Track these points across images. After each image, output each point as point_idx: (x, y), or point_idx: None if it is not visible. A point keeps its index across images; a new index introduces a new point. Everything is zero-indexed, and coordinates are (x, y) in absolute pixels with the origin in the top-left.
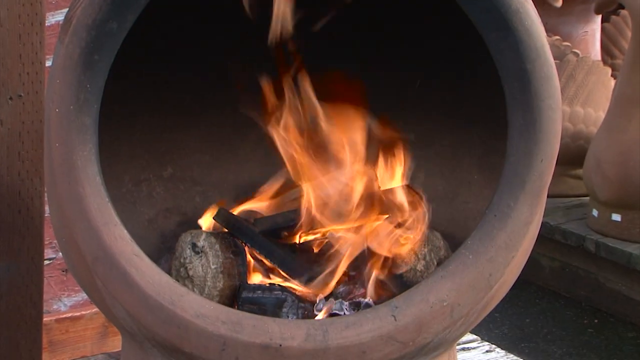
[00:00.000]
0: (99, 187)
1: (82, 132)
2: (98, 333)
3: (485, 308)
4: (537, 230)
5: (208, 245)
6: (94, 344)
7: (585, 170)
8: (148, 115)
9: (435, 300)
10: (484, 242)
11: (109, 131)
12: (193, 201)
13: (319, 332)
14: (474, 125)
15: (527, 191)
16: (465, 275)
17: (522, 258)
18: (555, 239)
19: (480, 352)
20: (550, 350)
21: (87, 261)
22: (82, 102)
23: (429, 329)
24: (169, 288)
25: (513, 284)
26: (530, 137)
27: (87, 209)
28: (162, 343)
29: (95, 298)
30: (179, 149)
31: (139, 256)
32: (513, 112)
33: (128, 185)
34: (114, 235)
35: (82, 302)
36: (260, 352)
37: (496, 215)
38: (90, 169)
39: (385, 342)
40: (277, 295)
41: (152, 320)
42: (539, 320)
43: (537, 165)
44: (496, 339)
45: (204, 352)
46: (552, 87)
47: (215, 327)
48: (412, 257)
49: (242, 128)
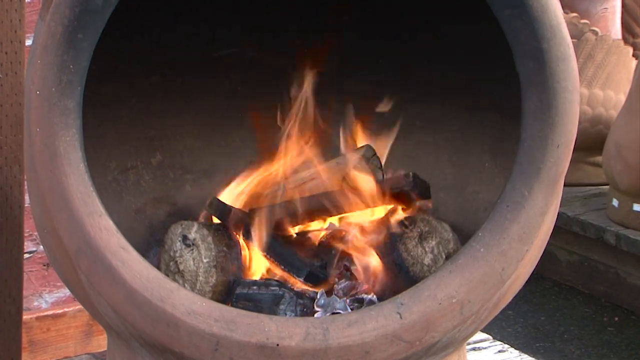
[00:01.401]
0: (83, 175)
1: (64, 116)
2: (82, 332)
3: (497, 305)
4: (552, 221)
5: (200, 238)
6: (77, 344)
7: (605, 156)
8: (136, 98)
9: (443, 297)
10: (496, 235)
11: (94, 115)
12: (184, 190)
13: (319, 330)
14: (485, 109)
15: (542, 179)
16: (476, 270)
17: (536, 251)
18: (573, 230)
19: (492, 353)
20: (567, 350)
21: (70, 254)
22: (64, 83)
23: (437, 327)
24: (158, 283)
25: (527, 279)
26: (545, 122)
27: (70, 199)
28: (151, 342)
29: (78, 294)
30: (169, 134)
31: (126, 249)
32: (527, 94)
33: (114, 172)
34: (99, 226)
35: (65, 298)
36: (256, 352)
37: (509, 206)
38: (73, 155)
39: (390, 342)
40: (274, 291)
41: (139, 318)
42: (555, 318)
43: (553, 151)
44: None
45: (195, 352)
46: (569, 68)
47: (207, 326)
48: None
49: (237, 112)
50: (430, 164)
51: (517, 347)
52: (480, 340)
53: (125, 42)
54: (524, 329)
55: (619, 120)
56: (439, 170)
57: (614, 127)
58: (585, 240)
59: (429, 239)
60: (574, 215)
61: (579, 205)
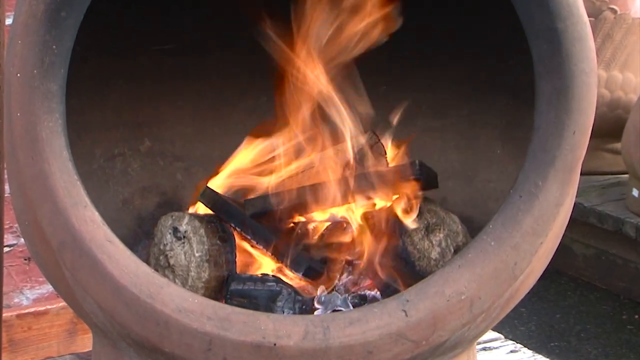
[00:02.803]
0: (67, 163)
1: (47, 100)
2: (65, 330)
3: (509, 302)
4: (568, 212)
5: (191, 230)
6: (60, 343)
7: (624, 143)
8: (123, 80)
9: (452, 293)
10: (508, 227)
11: (78, 99)
12: (174, 179)
13: (319, 329)
14: (495, 93)
15: (557, 168)
16: (487, 265)
17: (551, 245)
18: (590, 222)
19: (504, 353)
20: (584, 349)
21: (53, 248)
22: (47, 65)
23: (444, 325)
24: (147, 279)
25: (541, 275)
26: (561, 107)
27: (53, 188)
28: (139, 342)
29: (62, 290)
30: (159, 120)
31: (113, 242)
32: (542, 77)
33: (100, 160)
34: (84, 218)
35: (47, 295)
36: (251, 352)
37: (522, 196)
38: (56, 142)
39: (394, 341)
40: (271, 287)
41: (127, 315)
42: (570, 315)
43: (569, 138)
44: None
45: (187, 352)
46: (586, 49)
47: (200, 324)
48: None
49: (231, 96)
50: (437, 151)
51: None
52: (491, 339)
53: (112, 20)
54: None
55: (639, 104)
56: (446, 157)
57: (634, 111)
58: (603, 233)
59: (436, 232)
60: (591, 206)
61: (596, 196)
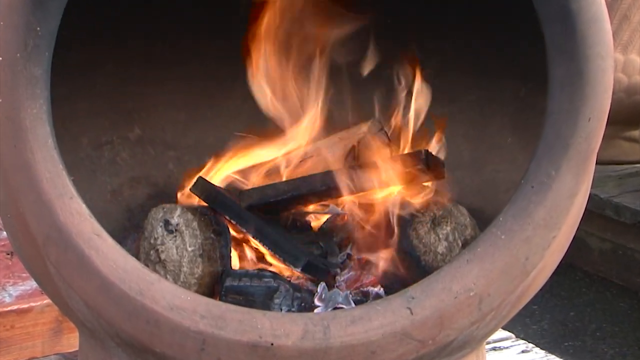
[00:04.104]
0: (52, 152)
1: (30, 85)
2: (50, 329)
3: (521, 299)
4: (583, 204)
5: (184, 223)
6: (45, 343)
7: None
8: (112, 64)
9: (459, 290)
10: (519, 219)
11: (64, 84)
12: (165, 169)
13: (319, 328)
14: (506, 77)
15: (571, 157)
16: (497, 259)
17: (565, 238)
18: (606, 214)
19: (515, 353)
20: (600, 349)
21: (38, 242)
22: (30, 48)
23: (452, 324)
24: (137, 274)
25: (554, 270)
26: (575, 92)
27: (37, 179)
28: (128, 341)
29: (46, 287)
30: (149, 106)
31: (100, 235)
32: (555, 61)
33: (87, 149)
34: (70, 210)
35: (31, 291)
36: (247, 353)
37: (534, 187)
38: (40, 129)
39: (399, 341)
40: (268, 284)
41: (116, 313)
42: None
43: (584, 125)
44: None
45: (179, 352)
46: (602, 31)
47: (192, 322)
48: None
49: (225, 80)
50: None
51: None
52: (501, 338)
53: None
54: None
55: None
56: (454, 146)
57: None
58: (620, 226)
59: (443, 224)
60: (608, 197)
61: (613, 186)
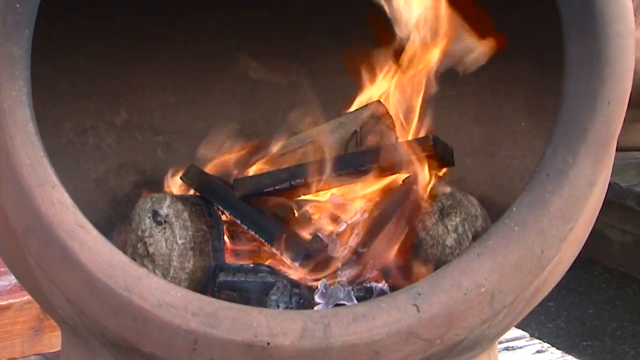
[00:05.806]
0: (32, 137)
1: (9, 66)
2: (30, 328)
3: (535, 295)
4: (602, 193)
5: (174, 214)
6: (25, 342)
7: None
8: (96, 43)
9: (470, 285)
10: (534, 210)
11: (45, 64)
12: (154, 155)
13: (319, 326)
14: (519, 57)
15: (589, 143)
16: (510, 253)
17: (582, 230)
18: (627, 205)
19: (529, 353)
20: (620, 350)
21: (17, 234)
22: (10, 26)
23: (461, 322)
24: (123, 269)
25: (571, 264)
26: (593, 73)
27: (17, 166)
28: (114, 340)
29: (27, 282)
30: (136, 88)
31: (84, 227)
32: (572, 40)
33: (70, 134)
34: (52, 199)
35: (10, 287)
36: (241, 353)
37: (549, 175)
38: (20, 113)
39: (404, 340)
40: (264, 279)
41: (100, 311)
42: (605, 311)
43: (603, 108)
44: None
45: (168, 352)
46: (622, 8)
47: (183, 320)
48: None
49: (218, 61)
50: (454, 123)
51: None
52: (515, 338)
53: None
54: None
55: None
56: (464, 130)
57: None
58: None
59: (452, 215)
60: (629, 186)
61: (634, 175)
